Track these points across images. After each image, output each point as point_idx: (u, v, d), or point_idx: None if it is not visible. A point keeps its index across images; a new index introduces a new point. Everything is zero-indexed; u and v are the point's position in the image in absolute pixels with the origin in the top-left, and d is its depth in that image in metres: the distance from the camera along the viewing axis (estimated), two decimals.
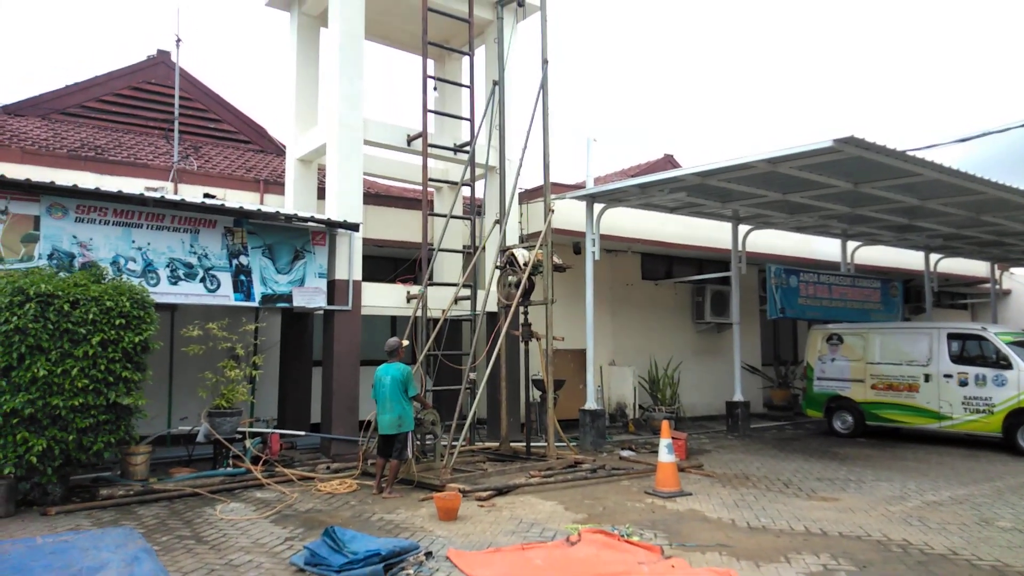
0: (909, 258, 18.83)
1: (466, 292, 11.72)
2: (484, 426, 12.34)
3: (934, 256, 18.11)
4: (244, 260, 9.83)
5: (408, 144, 11.72)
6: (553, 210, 11.32)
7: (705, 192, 11.66)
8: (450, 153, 12.36)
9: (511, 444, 10.85)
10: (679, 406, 15.09)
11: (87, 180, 10.24)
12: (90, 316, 7.64)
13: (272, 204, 12.36)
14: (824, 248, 17.32)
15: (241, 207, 9.80)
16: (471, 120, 12.13)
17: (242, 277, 9.79)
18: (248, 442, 9.37)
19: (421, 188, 11.60)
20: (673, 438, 8.94)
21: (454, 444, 9.34)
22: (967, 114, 54.62)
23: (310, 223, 10.44)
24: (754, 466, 10.39)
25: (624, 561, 5.71)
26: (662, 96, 65.48)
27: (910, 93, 61.09)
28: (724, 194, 11.79)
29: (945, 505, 7.97)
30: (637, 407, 14.58)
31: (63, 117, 14.08)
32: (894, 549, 6.24)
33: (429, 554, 5.89)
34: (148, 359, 8.31)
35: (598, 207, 12.18)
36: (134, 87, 14.86)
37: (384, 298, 11.42)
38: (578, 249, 14.30)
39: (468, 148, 12.03)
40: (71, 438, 7.50)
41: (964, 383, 12.22)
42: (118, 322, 7.81)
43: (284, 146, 13.65)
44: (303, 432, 10.89)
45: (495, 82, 12.26)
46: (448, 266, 12.98)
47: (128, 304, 7.92)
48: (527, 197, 13.54)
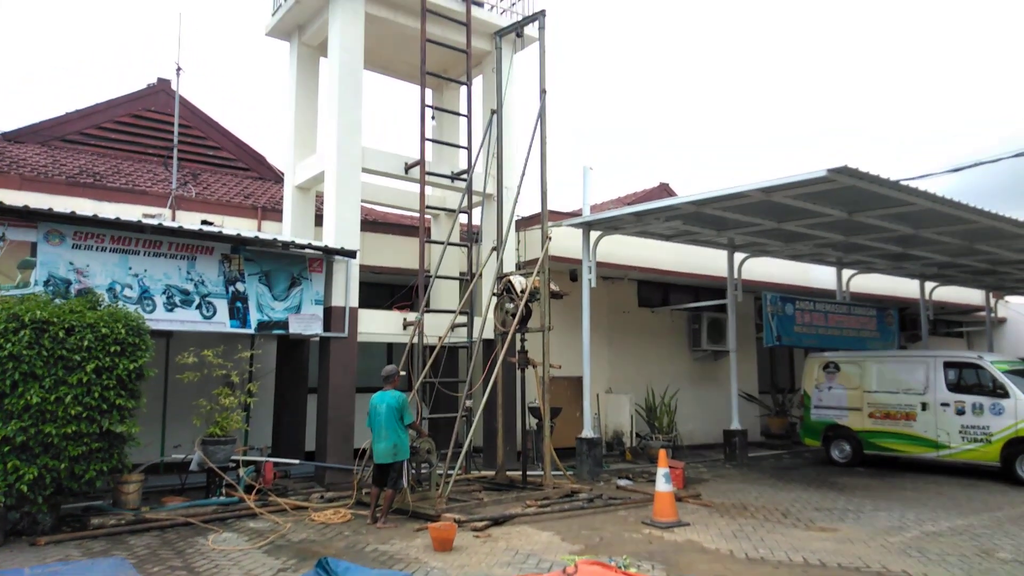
0: (904, 286, 18.90)
1: (463, 319, 11.72)
2: (480, 454, 12.25)
3: (929, 284, 18.18)
4: (241, 287, 9.83)
5: (406, 172, 11.80)
6: (550, 238, 11.36)
7: (701, 220, 11.73)
8: (448, 181, 12.44)
9: (507, 473, 10.77)
10: (676, 434, 15.01)
11: (85, 207, 10.27)
12: (85, 343, 7.61)
13: (270, 231, 12.39)
14: (820, 276, 17.39)
15: (238, 234, 9.82)
16: (469, 148, 12.22)
17: (238, 304, 9.78)
18: (242, 471, 9.28)
19: (419, 215, 11.65)
20: (670, 467, 8.88)
21: (450, 473, 9.26)
22: (959, 141, 55.24)
23: (307, 250, 10.46)
24: (752, 495, 10.31)
25: None
26: (658, 125, 66.15)
27: (905, 121, 61.81)
28: (719, 222, 11.85)
29: (944, 536, 7.90)
30: (634, 435, 14.50)
31: (63, 144, 14.16)
32: None
33: None
34: (142, 386, 8.26)
35: (594, 235, 12.24)
36: (134, 115, 14.97)
37: (381, 325, 11.40)
38: (575, 276, 14.33)
39: (466, 176, 12.11)
40: (63, 466, 7.42)
41: (961, 412, 12.19)
42: (113, 349, 7.78)
43: (282, 173, 13.72)
44: (297, 460, 10.80)
45: (493, 111, 12.38)
46: (445, 293, 12.99)
47: (123, 331, 7.89)
48: (524, 224, 13.59)
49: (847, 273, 16.77)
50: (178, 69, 13.15)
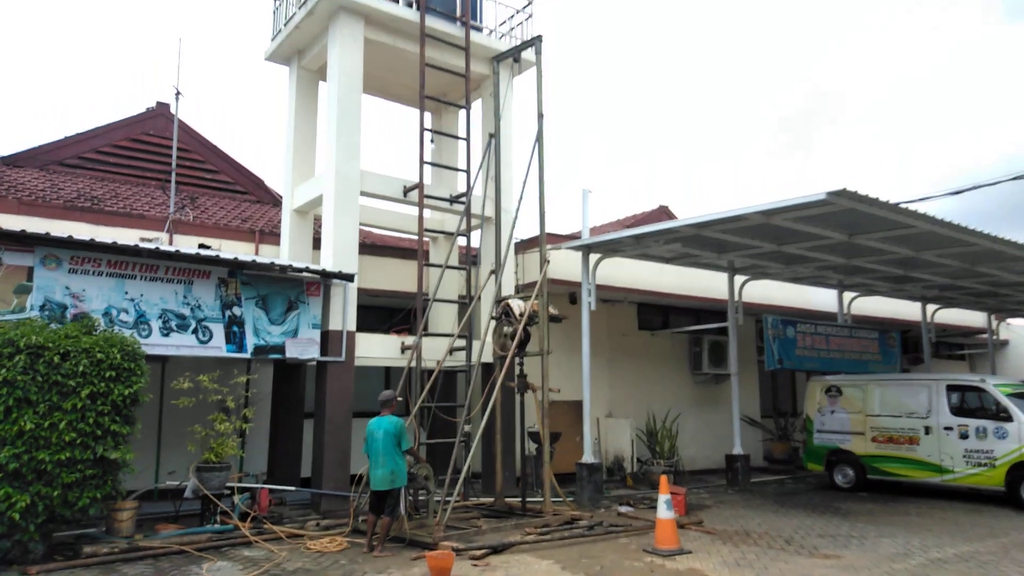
0: (906, 308, 18.83)
1: (461, 343, 11.65)
2: (479, 480, 12.11)
3: (931, 307, 18.11)
4: (237, 311, 9.77)
5: (404, 195, 11.80)
6: (549, 260, 11.33)
7: (700, 243, 11.70)
8: (446, 204, 12.44)
9: (506, 499, 10.63)
10: (678, 459, 14.86)
11: (82, 231, 10.24)
12: (80, 368, 7.53)
13: (268, 254, 12.36)
14: (821, 299, 17.32)
15: (236, 258, 9.78)
16: (467, 171, 12.24)
17: (235, 328, 9.72)
18: (236, 498, 9.16)
19: (417, 238, 11.63)
20: (672, 493, 8.76)
21: (448, 500, 9.13)
22: (957, 164, 55.54)
23: (305, 273, 10.42)
24: (755, 522, 10.17)
25: None
26: (657, 147, 66.54)
27: (904, 144, 62.18)
28: (719, 245, 11.82)
29: (950, 563, 7.77)
30: (635, 460, 14.35)
31: (61, 168, 14.18)
32: None
33: None
34: (137, 412, 8.17)
35: (594, 257, 12.21)
36: (132, 138, 15.01)
37: (378, 349, 11.33)
38: (574, 299, 14.26)
39: (464, 199, 12.11)
40: (56, 493, 7.31)
41: (965, 436, 12.07)
42: (108, 374, 7.70)
43: (280, 197, 13.73)
44: (293, 487, 10.67)
45: (491, 134, 12.40)
46: (443, 316, 12.93)
47: (119, 356, 7.82)
48: (523, 247, 13.57)
49: (848, 295, 16.72)
50: (177, 93, 13.23)
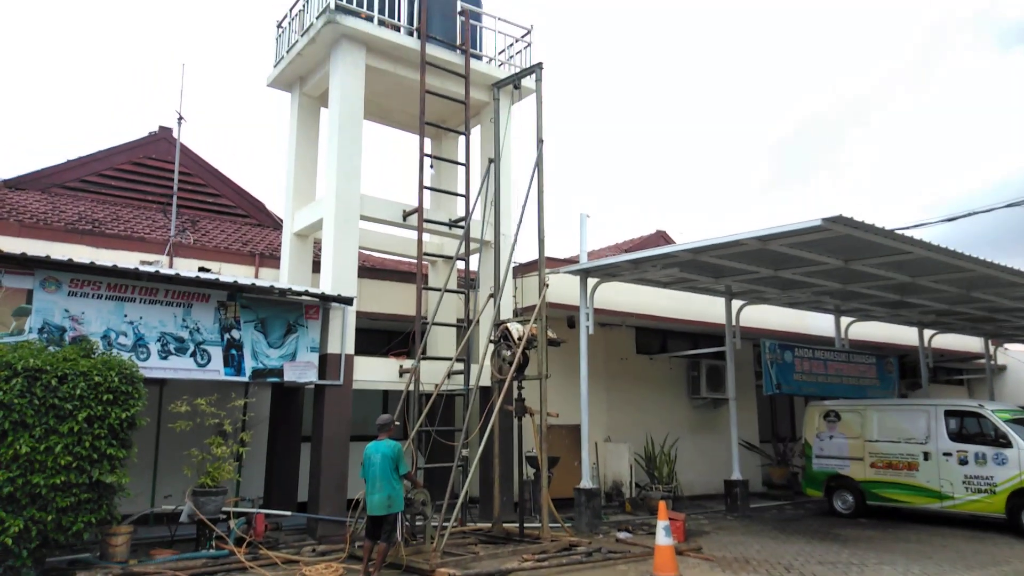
0: (903, 333, 18.85)
1: (460, 366, 11.65)
2: (476, 505, 12.04)
3: (928, 332, 18.14)
4: (236, 334, 9.78)
5: (404, 219, 11.87)
6: (547, 284, 11.36)
7: (698, 268, 11.76)
8: (445, 228, 12.50)
9: (504, 525, 10.56)
10: (676, 484, 14.79)
11: (83, 253, 10.28)
12: (77, 391, 7.53)
13: (268, 277, 12.40)
14: (818, 323, 17.35)
15: (235, 281, 9.81)
16: (466, 196, 12.32)
17: (233, 351, 9.72)
18: (232, 522, 9.09)
19: (416, 262, 11.68)
20: (671, 519, 8.72)
21: (445, 525, 9.07)
22: (946, 192, 55.90)
23: (304, 297, 10.45)
24: (754, 549, 10.10)
25: None
26: (654, 171, 66.98)
27: (897, 171, 62.63)
28: (717, 270, 11.88)
29: None
30: (633, 485, 14.27)
31: (63, 191, 14.26)
32: None
33: None
34: (134, 435, 8.15)
35: (592, 281, 12.25)
36: (134, 162, 15.11)
37: (376, 372, 11.32)
38: (572, 323, 14.29)
39: (463, 223, 12.18)
40: (50, 518, 7.27)
41: (964, 462, 12.03)
42: (106, 397, 7.69)
43: (281, 220, 13.80)
44: (289, 512, 10.60)
45: (491, 160, 12.51)
46: (442, 340, 12.93)
47: (117, 379, 7.82)
48: (521, 271, 13.62)
49: (845, 320, 16.75)
50: (180, 118, 13.33)
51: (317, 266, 12.33)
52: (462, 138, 12.70)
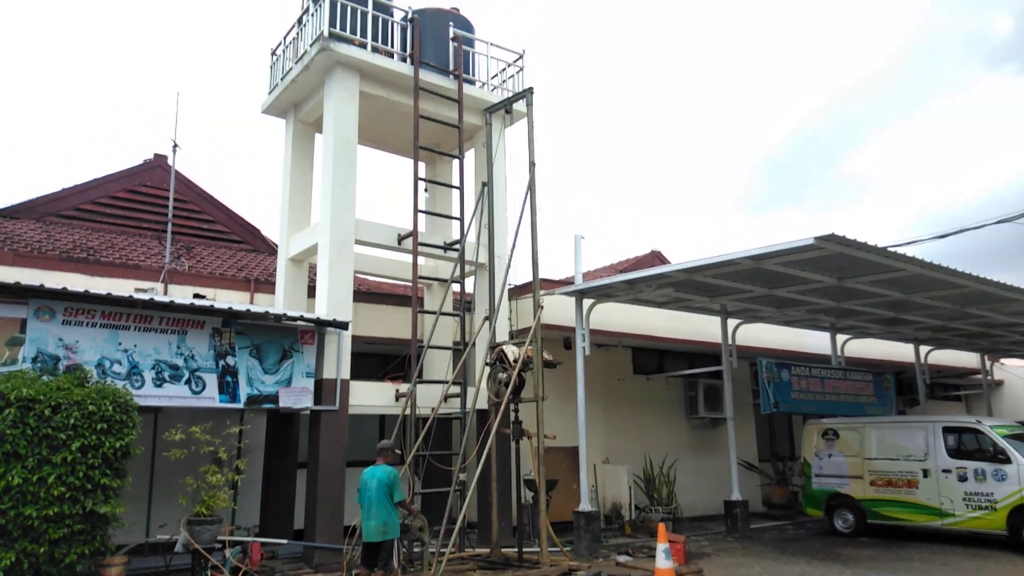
0: (900, 350, 18.86)
1: (456, 389, 11.60)
2: (474, 530, 11.93)
3: (924, 348, 18.15)
4: (231, 361, 9.74)
5: (399, 243, 11.89)
6: (542, 306, 11.35)
7: (693, 287, 11.78)
8: (440, 251, 12.52)
9: (502, 550, 10.45)
10: (676, 505, 14.68)
11: (77, 282, 10.25)
12: (71, 421, 7.47)
13: (263, 303, 12.37)
14: (814, 341, 17.35)
15: (230, 307, 9.79)
16: (461, 219, 12.36)
17: (228, 378, 9.67)
18: (228, 552, 8.99)
19: (411, 285, 11.68)
20: (671, 542, 8.66)
21: (442, 551, 8.98)
22: (937, 208, 56.28)
23: (299, 322, 10.42)
24: (755, 570, 10.01)
25: None
26: (649, 190, 67.33)
27: (888, 188, 63.06)
28: (711, 289, 11.90)
29: None
30: (633, 507, 14.16)
31: (58, 219, 14.27)
32: None
33: None
34: (128, 464, 8.08)
35: (587, 302, 12.26)
36: (129, 190, 15.15)
37: (373, 396, 11.26)
38: (568, 344, 14.26)
39: (458, 246, 12.20)
40: (42, 550, 7.18)
41: (964, 478, 11.98)
42: (99, 427, 7.64)
43: (276, 245, 13.80)
44: (285, 540, 10.48)
45: (484, 183, 12.57)
46: (438, 363, 12.90)
47: (111, 408, 7.77)
48: (517, 293, 13.61)
49: (842, 338, 16.76)
50: (175, 146, 13.37)
51: (312, 291, 12.32)
52: (456, 161, 12.77)
